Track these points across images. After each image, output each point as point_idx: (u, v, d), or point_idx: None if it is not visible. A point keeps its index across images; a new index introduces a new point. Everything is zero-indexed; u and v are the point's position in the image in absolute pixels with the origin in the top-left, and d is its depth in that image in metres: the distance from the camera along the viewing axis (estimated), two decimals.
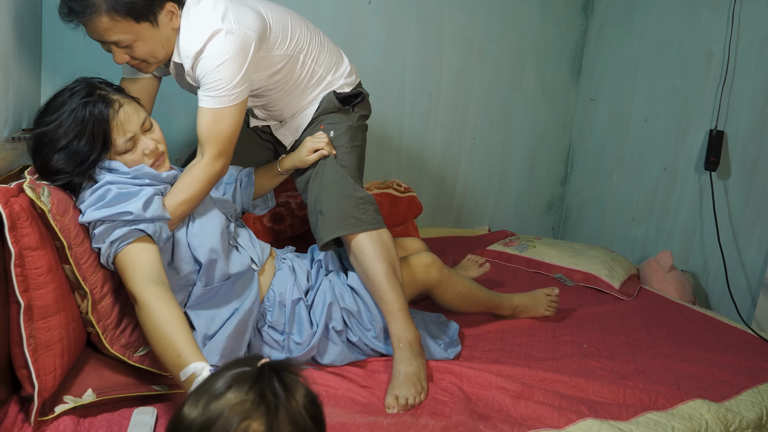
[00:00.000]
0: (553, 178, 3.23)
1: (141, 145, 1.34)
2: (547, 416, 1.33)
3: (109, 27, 1.31)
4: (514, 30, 2.91)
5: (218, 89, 1.39)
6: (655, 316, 2.04)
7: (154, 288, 1.18)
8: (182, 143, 2.28)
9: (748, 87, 2.33)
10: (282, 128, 1.74)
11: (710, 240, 2.47)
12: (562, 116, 3.16)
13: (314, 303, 1.55)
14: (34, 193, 1.15)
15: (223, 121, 1.42)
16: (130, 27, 1.32)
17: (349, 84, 1.70)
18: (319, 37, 1.66)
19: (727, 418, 1.40)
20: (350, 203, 1.55)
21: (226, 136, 1.43)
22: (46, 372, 1.12)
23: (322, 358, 1.51)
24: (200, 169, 1.41)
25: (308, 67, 1.63)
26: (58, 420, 1.15)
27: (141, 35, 1.35)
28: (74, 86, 1.30)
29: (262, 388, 0.72)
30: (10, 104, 1.49)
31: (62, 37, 2.03)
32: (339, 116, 1.68)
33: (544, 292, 1.94)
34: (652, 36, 2.73)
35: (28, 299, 1.10)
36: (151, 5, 1.32)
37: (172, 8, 1.37)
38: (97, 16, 1.29)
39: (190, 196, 1.38)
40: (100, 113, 1.27)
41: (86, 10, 1.28)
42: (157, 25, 1.35)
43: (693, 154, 2.54)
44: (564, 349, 1.73)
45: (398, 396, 1.36)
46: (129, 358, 1.28)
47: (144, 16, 1.32)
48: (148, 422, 1.18)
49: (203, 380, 0.77)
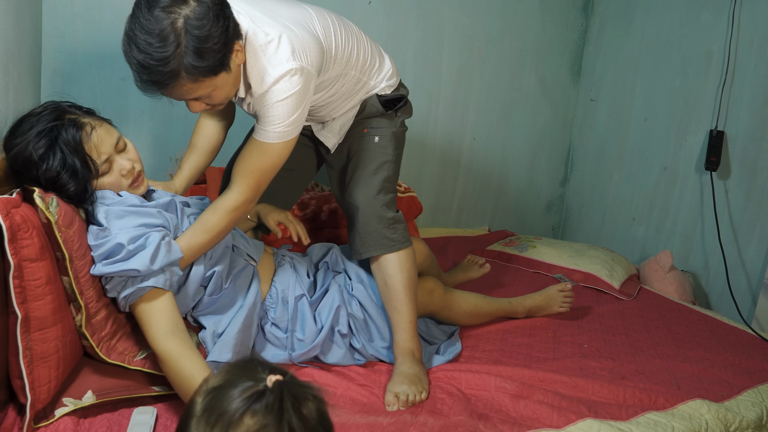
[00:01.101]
0: (553, 178, 3.23)
1: (117, 166, 1.32)
2: (546, 416, 1.33)
3: (190, 89, 1.27)
4: (514, 30, 2.90)
5: (274, 123, 1.37)
6: (655, 316, 2.04)
7: (172, 343, 1.21)
8: (182, 143, 2.28)
9: (748, 87, 2.33)
10: (324, 130, 1.69)
11: (710, 240, 2.46)
12: (562, 116, 3.16)
13: (321, 304, 1.56)
14: (44, 203, 1.14)
15: (269, 156, 1.40)
16: (210, 82, 1.28)
17: (390, 86, 1.67)
18: (363, 42, 1.61)
19: (727, 419, 1.40)
20: (383, 224, 1.59)
21: (266, 170, 1.42)
22: (41, 384, 1.12)
23: (325, 357, 1.52)
24: (230, 208, 1.39)
25: (355, 78, 1.60)
26: (58, 420, 1.15)
27: (218, 85, 1.31)
28: (41, 111, 1.27)
29: (278, 409, 0.71)
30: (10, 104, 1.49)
31: (62, 37, 2.03)
32: (382, 121, 1.67)
33: (557, 289, 1.93)
34: (652, 36, 2.73)
35: (25, 311, 1.10)
36: (225, 56, 1.27)
37: (238, 47, 1.32)
38: (178, 83, 1.24)
39: (216, 237, 1.38)
40: (72, 138, 1.24)
41: (169, 81, 1.24)
42: (230, 69, 1.30)
43: (693, 154, 2.54)
44: (564, 350, 1.73)
45: (398, 393, 1.37)
46: (129, 363, 1.27)
47: (221, 68, 1.27)
48: (147, 422, 1.18)
49: (209, 400, 0.74)
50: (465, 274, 2.03)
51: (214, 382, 0.76)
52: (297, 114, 1.37)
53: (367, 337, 1.57)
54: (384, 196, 1.62)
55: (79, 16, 2.04)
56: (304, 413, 0.73)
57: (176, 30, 1.19)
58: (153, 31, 1.18)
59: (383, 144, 1.65)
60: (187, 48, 1.19)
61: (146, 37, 1.19)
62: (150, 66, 1.20)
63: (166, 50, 1.19)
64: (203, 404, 0.74)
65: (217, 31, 1.22)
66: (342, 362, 1.52)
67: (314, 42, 1.41)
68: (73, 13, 2.04)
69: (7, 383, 1.17)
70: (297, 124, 1.39)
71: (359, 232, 1.60)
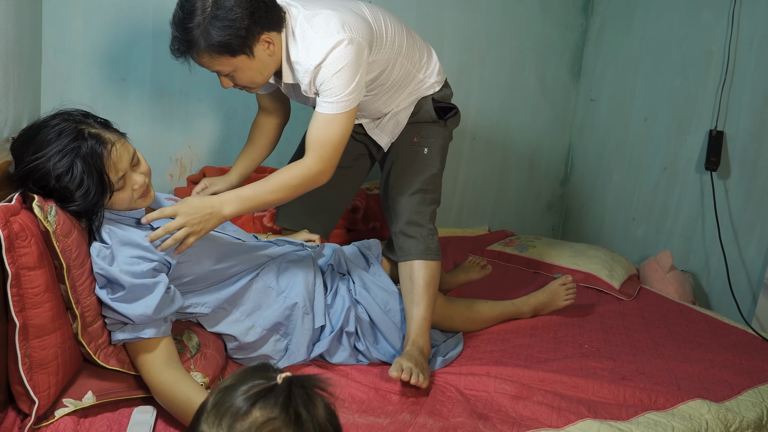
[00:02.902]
0: (553, 178, 3.23)
1: (130, 182, 1.28)
2: (546, 417, 1.33)
3: (209, 61, 1.41)
4: (514, 30, 2.90)
5: (335, 95, 1.43)
6: (655, 317, 2.04)
7: (165, 374, 1.21)
8: (182, 143, 2.29)
9: (748, 87, 2.33)
10: (377, 128, 1.74)
11: (710, 240, 2.46)
12: (562, 116, 3.16)
13: (334, 304, 1.56)
14: (42, 213, 1.13)
15: (333, 127, 1.46)
16: (227, 60, 1.40)
17: (438, 82, 1.72)
18: (411, 34, 1.67)
19: (727, 419, 1.40)
20: (423, 232, 1.67)
21: (333, 142, 1.46)
22: (40, 390, 1.11)
23: (331, 358, 1.52)
24: (300, 170, 1.44)
25: (404, 69, 1.64)
26: (58, 420, 1.15)
27: (239, 66, 1.42)
28: (58, 123, 1.21)
29: (287, 403, 0.71)
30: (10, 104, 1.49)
31: (62, 37, 2.03)
32: (433, 130, 1.72)
33: (559, 283, 1.94)
34: (652, 36, 2.73)
35: (23, 319, 1.09)
36: (245, 40, 1.38)
37: (268, 38, 1.42)
38: (197, 54, 1.40)
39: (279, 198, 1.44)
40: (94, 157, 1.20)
41: (189, 50, 1.39)
42: (253, 56, 1.42)
43: (693, 154, 2.54)
44: (565, 350, 1.73)
45: (404, 366, 1.38)
46: (129, 369, 1.27)
47: (239, 50, 1.39)
48: (147, 421, 1.18)
49: (220, 396, 0.75)
50: (466, 275, 2.02)
51: (227, 382, 0.76)
52: (354, 83, 1.44)
53: (371, 340, 1.57)
54: (427, 207, 1.70)
55: (79, 16, 2.04)
56: (313, 408, 0.73)
57: (201, 8, 1.33)
58: (185, 6, 1.35)
59: (431, 157, 1.71)
60: (206, 23, 1.34)
61: (179, 12, 1.37)
62: (175, 29, 1.39)
63: (190, 19, 1.34)
64: (214, 400, 0.74)
65: (239, 14, 1.34)
66: (346, 362, 1.53)
67: (363, 21, 1.49)
68: (73, 13, 2.04)
69: (6, 386, 1.17)
70: (356, 93, 1.45)
71: (399, 239, 1.68)
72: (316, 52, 1.42)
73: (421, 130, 1.71)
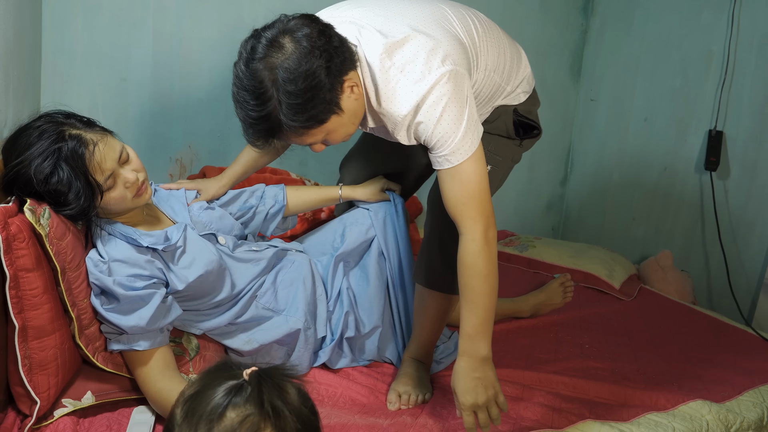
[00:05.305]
0: (553, 178, 3.22)
1: (121, 180, 1.24)
2: (546, 417, 1.33)
3: (299, 138, 1.18)
4: (514, 30, 2.88)
5: (447, 147, 1.19)
6: (656, 317, 2.04)
7: (162, 383, 1.20)
8: (182, 144, 2.28)
9: (748, 87, 2.33)
10: None
11: (710, 240, 2.46)
12: (562, 116, 3.15)
13: (335, 310, 1.54)
14: (34, 216, 1.11)
15: (463, 178, 1.20)
16: (318, 130, 1.17)
17: (525, 92, 1.48)
18: (503, 40, 1.43)
19: (728, 419, 1.40)
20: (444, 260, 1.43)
21: (472, 193, 1.20)
22: (40, 391, 1.11)
23: (333, 364, 1.52)
24: (470, 253, 1.20)
25: (493, 83, 1.39)
26: (58, 420, 1.15)
27: (330, 129, 1.19)
28: (39, 125, 1.18)
29: (260, 397, 0.70)
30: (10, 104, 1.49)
31: (62, 37, 2.03)
32: (505, 147, 1.48)
33: (558, 282, 1.94)
34: (652, 36, 2.73)
35: (22, 320, 1.09)
36: (330, 102, 1.13)
37: (352, 81, 1.16)
38: (284, 135, 1.17)
39: (493, 284, 1.21)
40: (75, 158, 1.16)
41: (271, 136, 1.17)
42: (342, 110, 1.16)
43: (693, 154, 2.54)
44: (566, 350, 1.72)
45: (401, 393, 1.36)
46: (128, 373, 1.27)
47: (327, 114, 1.15)
48: (147, 421, 1.18)
49: (188, 406, 0.72)
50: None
51: (190, 391, 0.74)
52: (464, 122, 1.17)
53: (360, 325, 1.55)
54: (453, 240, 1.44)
55: (79, 16, 2.04)
56: (286, 396, 0.73)
57: (269, 86, 1.10)
58: (248, 87, 1.11)
59: (494, 174, 1.45)
60: (281, 104, 1.10)
61: (244, 94, 1.12)
62: (250, 124, 1.14)
63: (262, 109, 1.11)
64: (183, 412, 0.72)
65: (314, 81, 1.09)
66: (348, 366, 1.52)
67: (455, 41, 1.23)
68: (73, 13, 2.03)
69: (6, 386, 1.16)
70: (472, 131, 1.19)
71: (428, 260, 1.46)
72: (404, 101, 1.18)
73: (491, 143, 1.42)
